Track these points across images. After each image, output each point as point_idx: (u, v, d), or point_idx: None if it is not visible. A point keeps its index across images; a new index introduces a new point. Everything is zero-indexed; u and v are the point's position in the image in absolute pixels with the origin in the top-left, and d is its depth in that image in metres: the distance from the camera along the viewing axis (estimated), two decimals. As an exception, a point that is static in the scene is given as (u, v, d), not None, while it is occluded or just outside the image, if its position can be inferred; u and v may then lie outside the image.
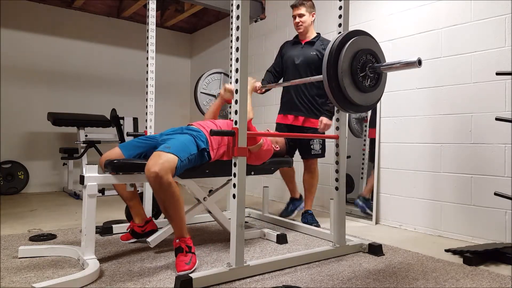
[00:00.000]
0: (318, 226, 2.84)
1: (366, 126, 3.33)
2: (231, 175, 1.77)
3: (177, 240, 1.89)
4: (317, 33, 3.08)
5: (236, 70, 1.73)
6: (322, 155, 3.04)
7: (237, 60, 1.73)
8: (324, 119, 2.83)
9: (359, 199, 3.21)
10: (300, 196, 3.29)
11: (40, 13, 4.70)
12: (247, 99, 2.03)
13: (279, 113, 3.19)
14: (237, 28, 1.73)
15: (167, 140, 2.06)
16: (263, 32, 4.50)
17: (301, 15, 2.95)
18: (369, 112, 3.24)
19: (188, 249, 1.87)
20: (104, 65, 5.17)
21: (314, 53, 2.94)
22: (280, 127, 3.15)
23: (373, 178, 3.16)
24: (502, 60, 2.42)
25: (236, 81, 1.73)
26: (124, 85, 5.30)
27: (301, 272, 1.88)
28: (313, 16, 3.01)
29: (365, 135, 3.33)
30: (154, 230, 2.28)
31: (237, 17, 1.73)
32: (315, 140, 2.97)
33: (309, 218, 2.98)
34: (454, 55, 2.67)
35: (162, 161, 1.82)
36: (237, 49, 1.73)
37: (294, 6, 2.99)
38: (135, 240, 2.33)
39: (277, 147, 2.60)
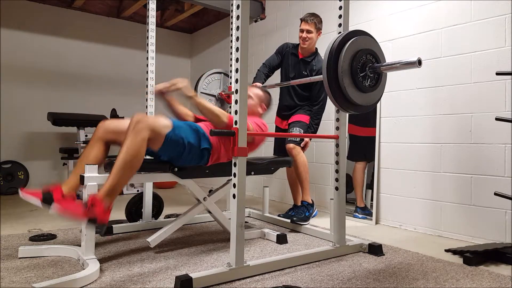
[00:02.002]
0: (300, 220, 2.78)
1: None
2: (231, 175, 1.77)
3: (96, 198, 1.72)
4: (315, 48, 3.10)
5: (236, 70, 1.73)
6: (299, 142, 2.97)
7: (237, 60, 1.73)
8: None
9: (357, 212, 3.20)
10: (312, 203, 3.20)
11: (40, 13, 4.70)
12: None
13: (276, 115, 3.33)
14: (237, 28, 1.73)
15: None
16: (263, 32, 4.50)
17: (309, 32, 2.97)
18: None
19: (91, 206, 1.67)
20: (104, 65, 5.17)
21: (306, 73, 3.04)
22: (278, 129, 3.32)
23: (358, 179, 3.20)
24: (502, 60, 2.42)
25: (236, 81, 1.73)
26: (124, 85, 5.30)
27: (301, 272, 1.88)
28: (319, 35, 3.05)
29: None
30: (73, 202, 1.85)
31: (237, 17, 1.73)
32: (294, 128, 2.98)
33: (299, 210, 3.00)
34: (454, 55, 2.67)
35: (153, 117, 1.87)
36: (237, 49, 1.73)
37: (304, 21, 2.99)
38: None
39: (265, 108, 2.54)
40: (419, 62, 1.66)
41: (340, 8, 2.15)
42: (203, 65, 5.63)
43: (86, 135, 4.26)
